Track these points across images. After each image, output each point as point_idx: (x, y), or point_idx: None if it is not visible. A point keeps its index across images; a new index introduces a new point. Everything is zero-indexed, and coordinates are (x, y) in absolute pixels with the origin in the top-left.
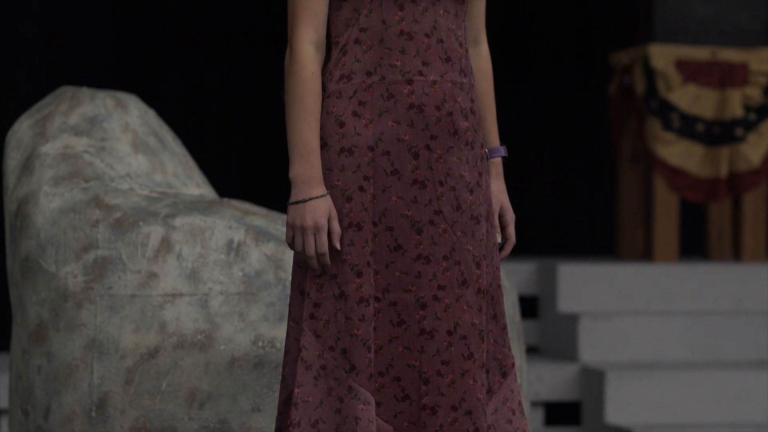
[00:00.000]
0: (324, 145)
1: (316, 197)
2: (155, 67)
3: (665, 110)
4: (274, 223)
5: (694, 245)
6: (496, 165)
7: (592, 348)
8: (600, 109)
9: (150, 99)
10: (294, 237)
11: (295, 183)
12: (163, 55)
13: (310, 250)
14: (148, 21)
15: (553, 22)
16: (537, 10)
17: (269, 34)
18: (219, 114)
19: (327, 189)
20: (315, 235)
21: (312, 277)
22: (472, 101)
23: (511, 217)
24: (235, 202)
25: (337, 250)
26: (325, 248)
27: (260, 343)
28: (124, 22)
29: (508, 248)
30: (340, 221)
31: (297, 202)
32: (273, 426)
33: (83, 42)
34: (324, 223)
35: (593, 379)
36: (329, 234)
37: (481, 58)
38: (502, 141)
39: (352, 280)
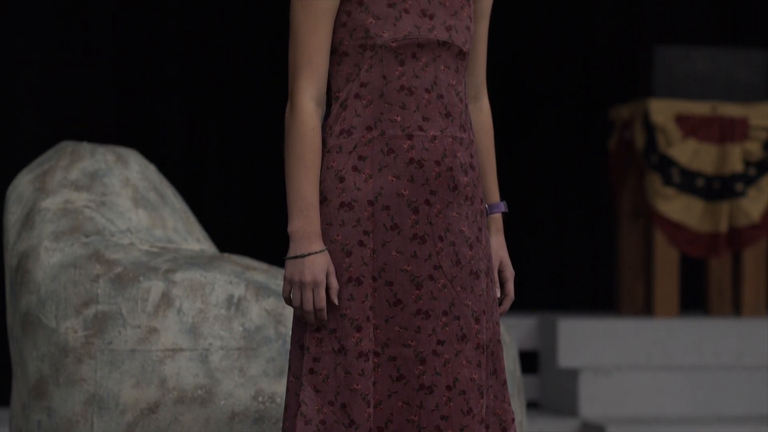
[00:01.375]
0: (324, 199)
1: (315, 252)
2: (156, 122)
3: (665, 165)
4: (275, 279)
5: (695, 300)
6: (496, 220)
7: (592, 403)
8: (600, 164)
9: (151, 154)
10: (292, 292)
11: (294, 238)
12: (163, 110)
13: (308, 306)
14: (149, 76)
15: (554, 76)
16: (538, 65)
17: (270, 88)
18: (219, 169)
19: (327, 243)
20: (313, 290)
21: (311, 331)
22: (472, 156)
23: (510, 272)
24: (235, 258)
25: (336, 305)
26: (323, 304)
27: (260, 398)
28: (124, 77)
29: (507, 304)
30: (340, 276)
31: (295, 257)
32: None
33: (84, 97)
34: (322, 278)
35: None
36: (327, 289)
37: (482, 114)
38: (503, 195)
39: (352, 334)
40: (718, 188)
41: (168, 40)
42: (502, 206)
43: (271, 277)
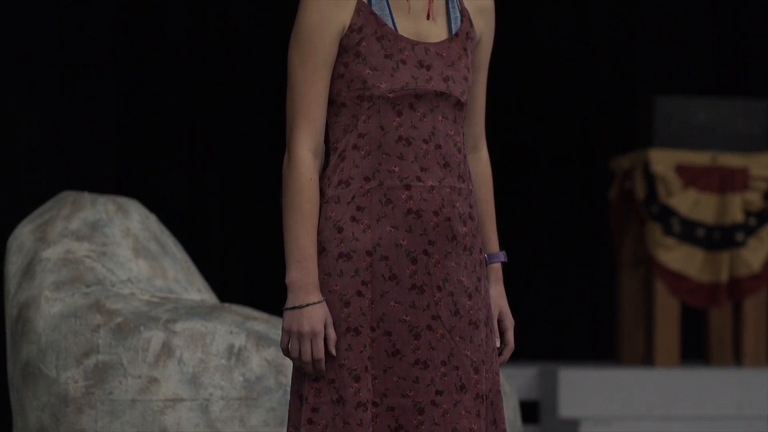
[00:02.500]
0: (322, 250)
1: (313, 303)
2: (157, 172)
3: (666, 215)
4: (275, 329)
5: (695, 350)
6: (495, 270)
7: None
8: (600, 214)
9: (151, 204)
10: (290, 343)
11: (292, 288)
12: (164, 160)
13: (306, 356)
14: (150, 126)
15: (554, 126)
16: (538, 115)
17: (269, 139)
18: (220, 219)
19: (325, 294)
20: (311, 341)
21: (310, 381)
22: (471, 207)
23: (510, 322)
24: (235, 308)
25: (334, 355)
26: (321, 354)
27: None
28: (125, 128)
29: (507, 354)
30: (338, 326)
31: (293, 308)
32: None
33: (84, 147)
34: (320, 329)
35: None
36: (325, 340)
37: (481, 164)
38: (503, 245)
39: (350, 384)
40: (719, 238)
41: (169, 90)
42: (502, 256)
43: (272, 327)
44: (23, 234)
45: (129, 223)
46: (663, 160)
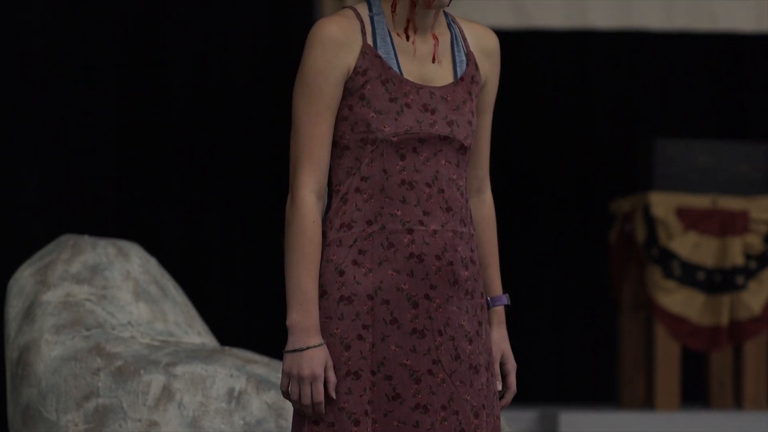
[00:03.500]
0: (324, 293)
1: (313, 346)
2: (157, 216)
3: (666, 258)
4: (275, 372)
5: (696, 393)
6: (498, 313)
7: None
8: (601, 257)
9: (152, 247)
10: (290, 385)
11: (293, 331)
12: (164, 203)
13: (306, 399)
14: (149, 170)
15: (555, 169)
16: (539, 158)
17: (269, 181)
18: (220, 262)
19: (326, 337)
20: (311, 384)
21: (310, 424)
22: (473, 251)
23: (512, 365)
24: (236, 351)
25: (334, 398)
26: (321, 397)
27: None
28: (125, 171)
29: (509, 397)
30: (339, 369)
31: (294, 351)
32: None
33: (85, 190)
34: (320, 372)
35: None
36: (325, 383)
37: (484, 207)
38: (505, 287)
39: (350, 428)
40: (719, 281)
41: (168, 133)
42: (504, 299)
43: (272, 371)
44: (24, 277)
45: (129, 266)
46: (663, 203)
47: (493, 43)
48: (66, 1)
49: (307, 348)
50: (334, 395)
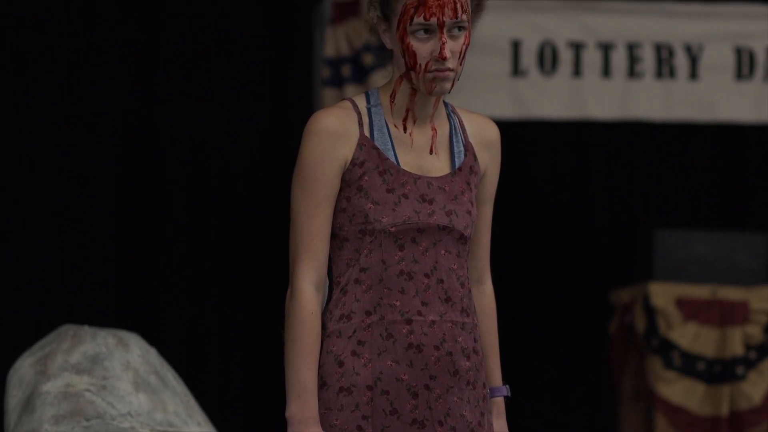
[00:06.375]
0: (323, 384)
1: None
2: (157, 306)
3: (666, 348)
4: None
5: None
6: (498, 404)
7: None
8: (601, 347)
9: (151, 337)
10: None
11: (291, 422)
12: (164, 293)
13: None
14: (150, 260)
15: (554, 260)
16: (538, 247)
17: (270, 270)
18: (220, 353)
19: (326, 428)
20: None
21: None
22: (475, 341)
23: None
24: None
25: None
26: None
27: None
28: (125, 260)
29: None
30: None
31: None
32: None
33: (85, 280)
34: None
35: None
36: None
37: (485, 297)
38: (504, 379)
39: None
40: (719, 371)
41: (169, 223)
42: (505, 390)
43: None
44: (23, 367)
45: (129, 356)
46: (663, 294)
47: (493, 133)
48: (66, 102)
49: None
50: None
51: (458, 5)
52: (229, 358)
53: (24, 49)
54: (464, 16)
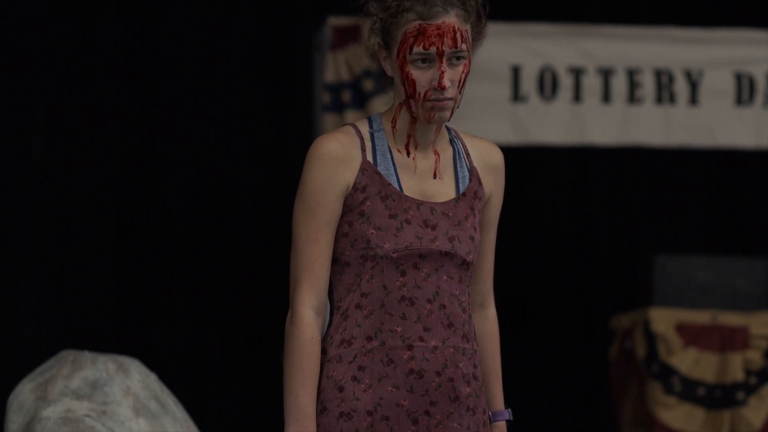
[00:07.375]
0: (323, 409)
1: None
2: (157, 331)
3: (666, 374)
4: None
5: None
6: (500, 428)
7: None
8: (601, 372)
9: (152, 363)
10: None
11: None
12: (165, 319)
13: None
14: (150, 285)
15: (555, 285)
16: (538, 273)
17: (270, 294)
18: (220, 378)
19: None
20: None
21: None
22: (475, 366)
23: None
24: None
25: None
26: None
27: None
28: (125, 286)
29: None
30: None
31: None
32: None
33: (85, 305)
34: None
35: None
36: None
37: (488, 321)
38: (505, 403)
39: None
40: (719, 397)
41: (169, 247)
42: (507, 414)
43: None
44: (23, 392)
45: (129, 382)
46: (663, 319)
47: (497, 158)
48: (65, 124)
49: None
50: None
51: (458, 35)
52: (229, 383)
53: (24, 65)
54: (464, 45)
